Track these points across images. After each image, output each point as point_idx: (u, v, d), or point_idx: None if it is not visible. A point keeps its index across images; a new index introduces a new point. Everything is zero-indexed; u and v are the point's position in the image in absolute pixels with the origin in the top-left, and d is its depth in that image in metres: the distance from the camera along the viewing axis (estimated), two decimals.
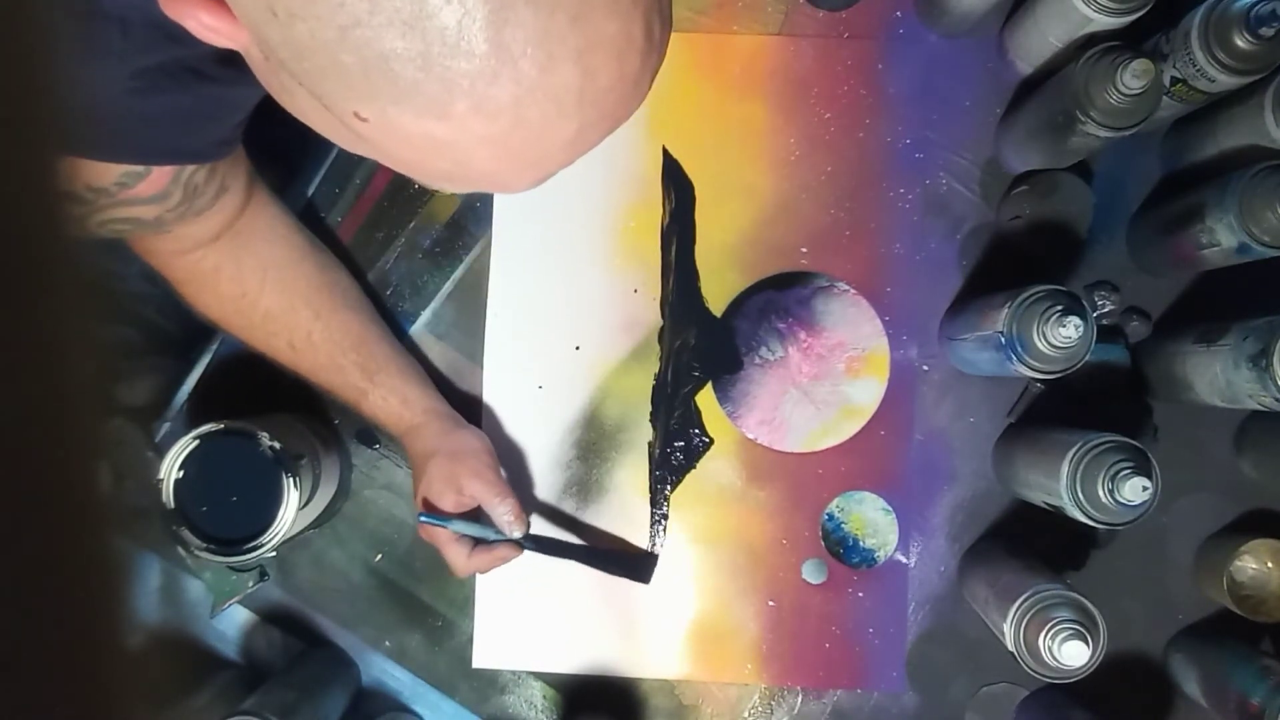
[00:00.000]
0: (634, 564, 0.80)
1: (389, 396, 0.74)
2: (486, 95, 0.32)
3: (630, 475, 0.82)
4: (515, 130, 0.33)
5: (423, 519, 0.72)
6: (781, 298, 0.81)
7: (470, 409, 0.81)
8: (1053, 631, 0.65)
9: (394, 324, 0.82)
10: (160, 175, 0.57)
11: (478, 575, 0.81)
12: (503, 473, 0.75)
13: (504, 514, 0.72)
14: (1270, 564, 0.76)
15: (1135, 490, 0.63)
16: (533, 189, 0.38)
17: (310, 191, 0.82)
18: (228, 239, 0.68)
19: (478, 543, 0.73)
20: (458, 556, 0.73)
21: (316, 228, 0.80)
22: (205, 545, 0.68)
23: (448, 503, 0.72)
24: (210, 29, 0.35)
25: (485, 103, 0.32)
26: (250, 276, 0.69)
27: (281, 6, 0.31)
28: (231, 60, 0.49)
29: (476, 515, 0.75)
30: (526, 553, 0.75)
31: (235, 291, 0.69)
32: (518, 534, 0.73)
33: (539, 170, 0.37)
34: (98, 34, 0.43)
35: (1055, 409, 0.80)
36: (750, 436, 0.81)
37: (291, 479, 0.68)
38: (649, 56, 0.34)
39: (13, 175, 0.18)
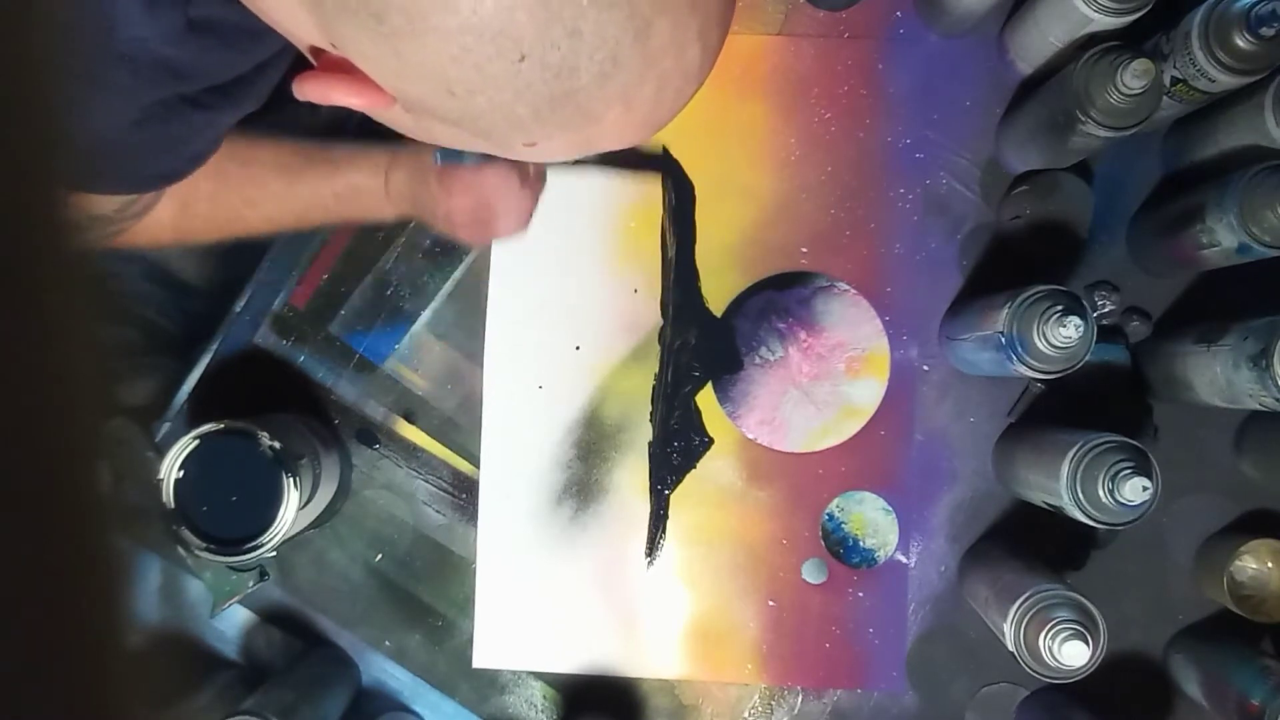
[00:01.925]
0: (644, 157, 0.80)
1: (354, 159, 0.69)
2: (636, 95, 0.37)
3: (630, 475, 0.82)
4: (654, 110, 0.38)
5: (440, 158, 0.67)
6: (781, 298, 0.81)
7: (470, 409, 0.81)
8: (1053, 631, 0.65)
9: (394, 324, 0.82)
10: (150, 196, 0.58)
11: (478, 574, 0.81)
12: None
13: None
14: (1270, 564, 0.76)
15: (1135, 490, 0.63)
16: None
17: None
18: None
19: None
20: (508, 187, 0.68)
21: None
22: (205, 545, 0.68)
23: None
24: (358, 105, 0.38)
25: (634, 101, 0.37)
26: (177, 186, 0.64)
27: (460, 86, 0.35)
28: (224, 90, 0.49)
29: None
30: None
31: (174, 208, 0.66)
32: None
33: (659, 126, 0.41)
34: (109, 74, 0.44)
35: (1055, 409, 0.80)
36: (750, 436, 0.81)
37: (291, 479, 0.68)
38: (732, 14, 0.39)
39: (19, 214, 0.19)
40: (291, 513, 0.68)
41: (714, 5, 0.37)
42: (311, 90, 0.38)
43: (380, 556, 0.82)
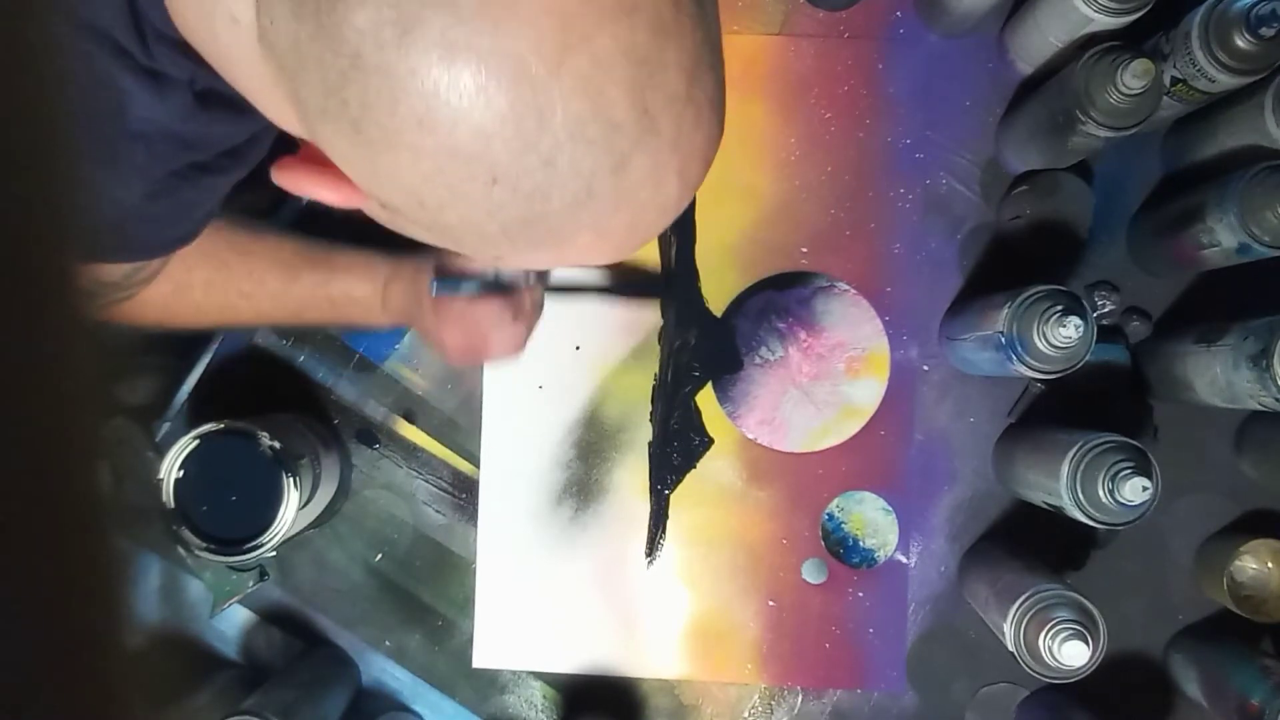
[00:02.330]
0: (645, 283, 0.80)
1: (352, 267, 0.70)
2: (608, 224, 0.36)
3: (630, 475, 0.82)
4: (628, 237, 0.38)
5: (436, 288, 0.67)
6: (781, 298, 0.81)
7: (470, 409, 0.81)
8: (1053, 631, 0.65)
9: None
10: (158, 261, 0.58)
11: (478, 574, 0.81)
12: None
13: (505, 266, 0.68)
14: (1270, 564, 0.76)
15: (1135, 490, 0.63)
16: None
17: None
18: None
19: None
20: (501, 322, 0.68)
21: (317, 230, 0.80)
22: (205, 545, 0.68)
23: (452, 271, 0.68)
24: (332, 201, 0.38)
25: (607, 229, 0.37)
26: (173, 267, 0.65)
27: (431, 200, 0.35)
28: (234, 152, 0.49)
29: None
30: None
31: (167, 289, 0.66)
32: (530, 275, 0.69)
33: (630, 252, 0.41)
34: (122, 152, 0.44)
35: (1055, 409, 0.80)
36: (750, 436, 0.81)
37: (291, 479, 0.68)
38: (719, 133, 0.39)
39: (31, 282, 0.19)
40: (291, 513, 0.68)
41: (697, 142, 0.36)
42: (288, 180, 0.39)
43: (380, 556, 0.82)
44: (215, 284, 0.68)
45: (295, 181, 0.38)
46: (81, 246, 0.20)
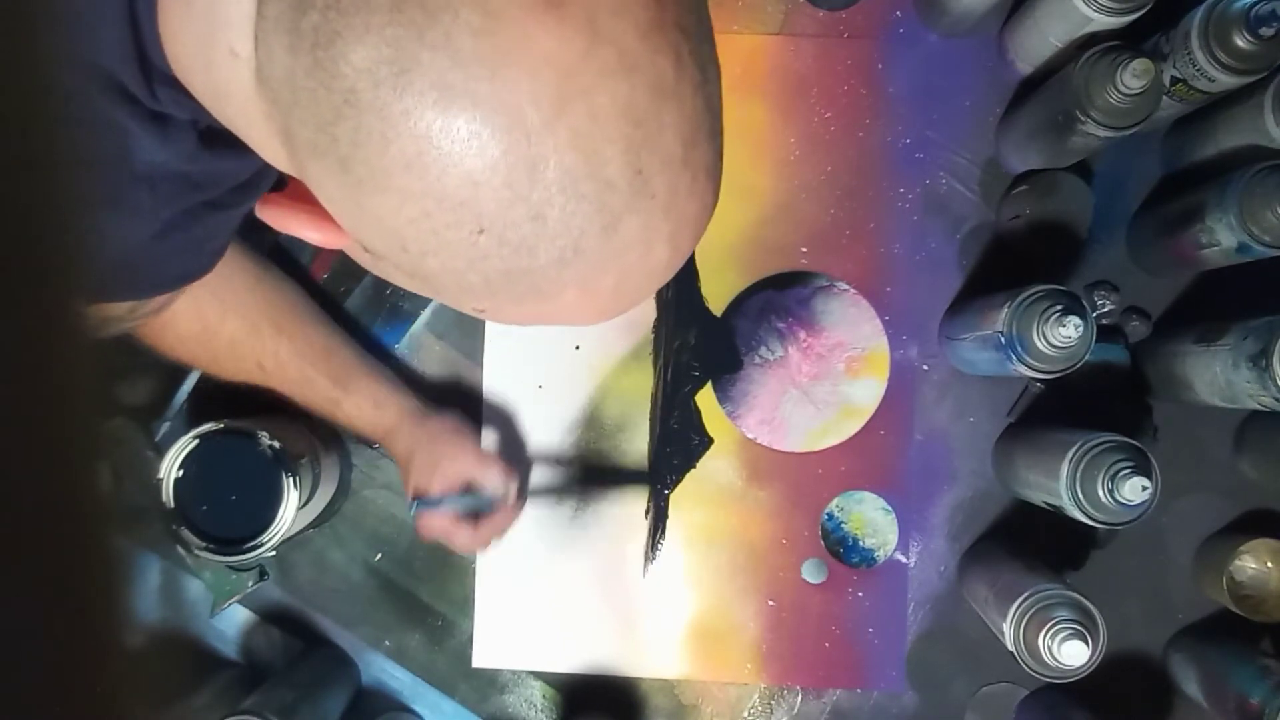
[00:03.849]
0: (631, 477, 0.82)
1: (362, 403, 0.74)
2: (595, 283, 0.35)
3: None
4: (614, 299, 0.37)
5: (416, 508, 0.73)
6: (781, 297, 0.81)
7: (470, 409, 0.81)
8: (1053, 631, 0.65)
9: (394, 324, 0.82)
10: (166, 296, 0.59)
11: (478, 574, 0.81)
12: (483, 443, 0.77)
13: (492, 478, 0.74)
14: (1270, 564, 0.76)
15: (1135, 490, 0.63)
16: None
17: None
18: None
19: (479, 519, 0.74)
20: (462, 535, 0.74)
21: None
22: (205, 545, 0.68)
23: (436, 489, 0.74)
24: (316, 241, 0.38)
25: (592, 289, 0.36)
26: (209, 310, 0.68)
27: (415, 245, 0.34)
28: (243, 186, 0.49)
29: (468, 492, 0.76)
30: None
31: (195, 328, 0.68)
32: (511, 493, 0.75)
33: (615, 315, 0.40)
34: (128, 196, 0.44)
35: (1055, 409, 0.80)
36: (750, 436, 0.81)
37: (291, 478, 0.68)
38: (714, 201, 0.38)
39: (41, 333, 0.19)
40: (291, 512, 0.68)
41: (691, 209, 0.36)
42: (272, 216, 0.38)
43: (380, 556, 0.82)
44: (240, 345, 0.70)
45: (280, 219, 0.38)
46: (87, 288, 0.20)
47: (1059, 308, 0.66)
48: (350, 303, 0.82)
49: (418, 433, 0.75)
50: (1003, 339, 0.68)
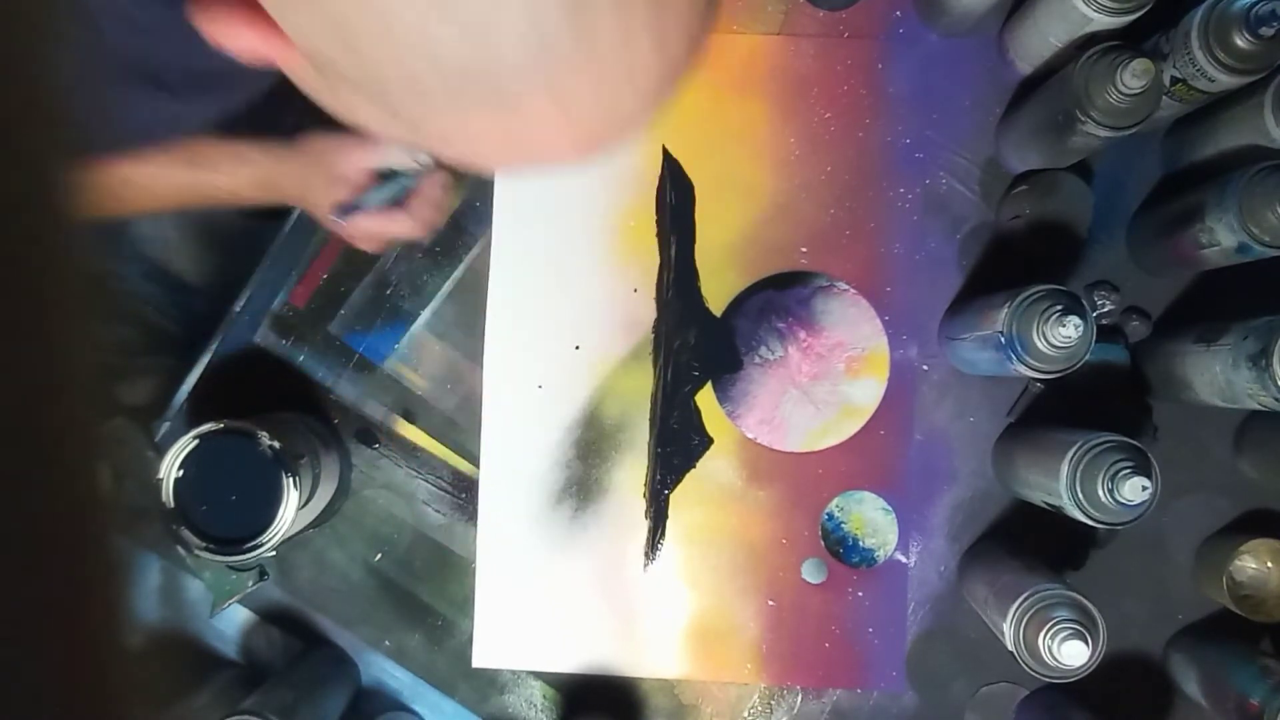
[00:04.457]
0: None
1: (233, 170, 0.68)
2: (567, 87, 0.31)
3: (630, 475, 0.82)
4: (591, 112, 0.33)
5: (338, 218, 0.69)
6: (781, 297, 0.81)
7: (470, 409, 0.81)
8: (1053, 631, 0.65)
9: (394, 324, 0.82)
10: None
11: (478, 574, 0.81)
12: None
13: (394, 154, 0.69)
14: (1270, 564, 0.76)
15: (1135, 490, 0.63)
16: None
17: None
18: None
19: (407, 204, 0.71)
20: (399, 221, 0.70)
21: (315, 231, 0.80)
22: (205, 545, 0.68)
23: (346, 194, 0.69)
24: (259, 52, 0.34)
25: (565, 95, 0.32)
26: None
27: (364, 40, 0.31)
28: (201, 83, 0.48)
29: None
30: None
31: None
32: (423, 156, 0.69)
33: (601, 145, 0.36)
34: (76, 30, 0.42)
35: (1055, 409, 0.80)
36: (750, 436, 0.81)
37: (291, 479, 0.68)
38: (706, 37, 0.34)
39: (14, 184, 0.18)
40: (291, 512, 0.68)
41: (681, 6, 0.32)
42: (211, 24, 0.34)
43: (380, 556, 0.82)
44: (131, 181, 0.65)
45: (220, 26, 0.34)
46: (61, 137, 0.20)
47: (1059, 308, 0.66)
48: (350, 302, 0.82)
49: (297, 159, 0.70)
50: (1003, 339, 0.68)
